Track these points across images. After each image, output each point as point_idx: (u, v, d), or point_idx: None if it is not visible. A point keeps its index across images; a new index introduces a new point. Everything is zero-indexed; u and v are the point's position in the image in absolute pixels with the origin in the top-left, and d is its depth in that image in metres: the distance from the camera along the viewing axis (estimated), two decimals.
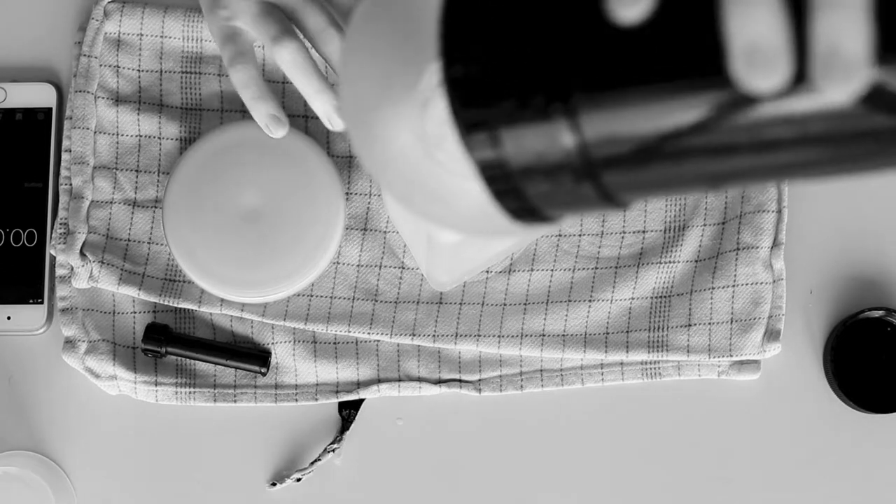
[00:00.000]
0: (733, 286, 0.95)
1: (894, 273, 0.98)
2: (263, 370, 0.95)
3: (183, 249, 0.93)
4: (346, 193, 0.97)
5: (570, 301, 0.96)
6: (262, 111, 0.83)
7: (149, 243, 0.96)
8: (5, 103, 0.99)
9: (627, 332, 0.96)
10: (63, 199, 0.96)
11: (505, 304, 0.96)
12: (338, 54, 0.81)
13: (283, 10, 0.82)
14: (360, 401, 0.97)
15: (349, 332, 0.95)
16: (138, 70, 0.98)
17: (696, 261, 0.97)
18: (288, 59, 0.81)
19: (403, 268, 0.97)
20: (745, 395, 0.96)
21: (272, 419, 0.97)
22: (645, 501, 0.96)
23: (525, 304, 0.96)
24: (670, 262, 0.97)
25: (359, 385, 0.96)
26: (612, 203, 0.45)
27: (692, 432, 0.96)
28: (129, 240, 0.96)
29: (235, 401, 0.96)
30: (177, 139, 0.97)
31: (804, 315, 0.97)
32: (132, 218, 0.97)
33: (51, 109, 0.99)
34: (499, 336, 0.96)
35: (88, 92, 0.97)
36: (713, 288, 0.96)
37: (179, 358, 0.96)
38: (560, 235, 0.97)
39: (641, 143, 0.42)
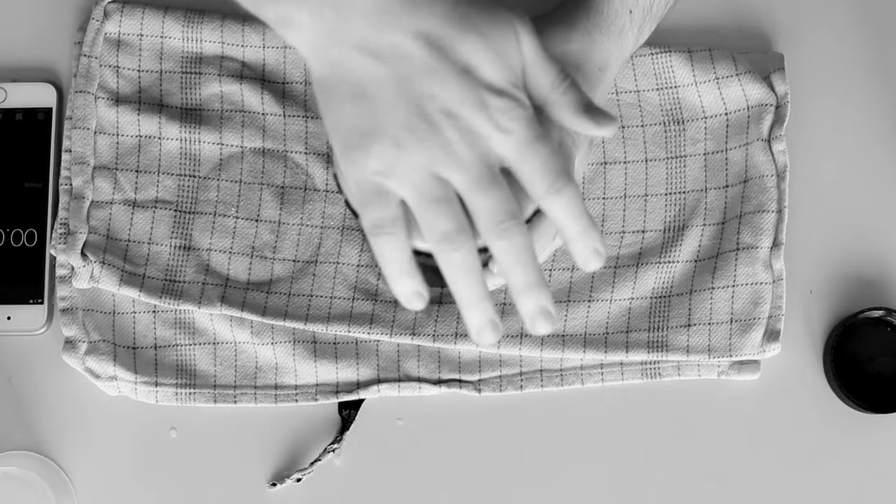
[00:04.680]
0: (733, 286, 0.95)
1: (894, 273, 0.98)
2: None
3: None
4: None
5: (569, 301, 0.96)
6: (407, 288, 0.72)
7: (149, 244, 0.96)
8: (5, 103, 0.99)
9: (627, 332, 0.96)
10: (63, 199, 0.96)
11: (504, 304, 0.96)
12: (512, 252, 0.70)
13: (457, 189, 0.70)
14: (360, 401, 0.97)
15: (349, 332, 0.95)
16: (138, 70, 0.98)
17: (696, 261, 0.97)
18: (457, 263, 0.70)
19: None
20: (745, 395, 0.96)
21: (272, 419, 0.97)
22: (645, 501, 0.96)
23: None
24: (670, 262, 0.97)
25: (359, 385, 0.96)
26: None
27: (692, 432, 0.96)
28: (128, 240, 0.96)
29: (235, 401, 0.96)
30: (177, 139, 0.97)
31: (804, 315, 0.97)
32: (132, 218, 0.97)
33: (51, 109, 0.99)
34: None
35: (88, 92, 0.97)
36: (713, 288, 0.96)
37: (180, 358, 0.96)
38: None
39: None
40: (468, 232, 0.70)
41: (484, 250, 0.74)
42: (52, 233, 0.97)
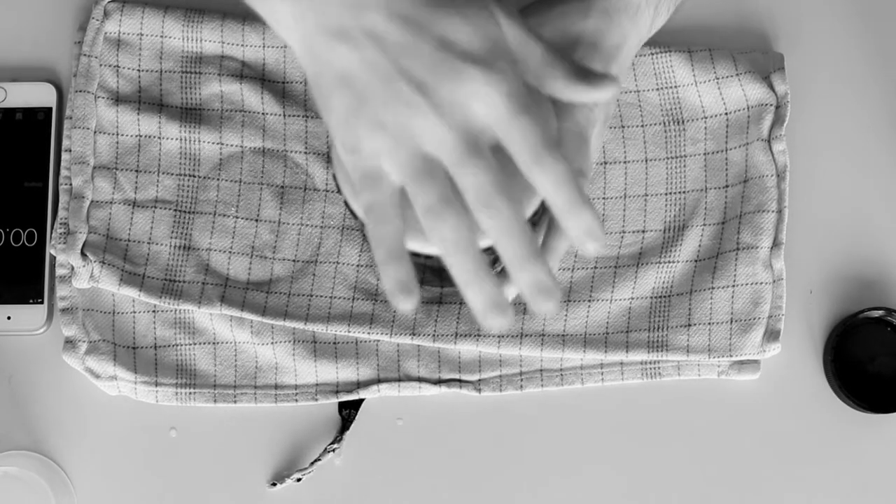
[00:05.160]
0: (733, 286, 0.95)
1: (894, 273, 0.98)
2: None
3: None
4: None
5: (569, 301, 0.96)
6: (392, 275, 0.67)
7: (148, 243, 0.96)
8: (5, 103, 0.99)
9: (627, 332, 0.96)
10: (63, 198, 0.96)
11: None
12: (498, 224, 0.66)
13: (445, 166, 0.68)
14: (360, 401, 0.97)
15: (349, 332, 0.95)
16: (138, 70, 0.98)
17: (696, 261, 0.97)
18: (446, 237, 0.66)
19: None
20: (745, 395, 0.96)
21: (272, 419, 0.97)
22: (645, 501, 0.96)
23: (524, 303, 0.96)
24: (670, 261, 0.97)
25: (359, 385, 0.96)
26: None
27: (692, 432, 0.96)
28: (128, 240, 0.96)
29: (235, 401, 0.96)
30: (177, 139, 0.97)
31: (804, 315, 0.97)
32: (132, 218, 0.97)
33: (51, 109, 0.99)
34: (498, 336, 0.96)
35: (88, 92, 0.97)
36: (713, 288, 0.96)
37: (180, 358, 0.96)
38: None
39: None
40: (455, 204, 0.67)
41: (490, 251, 0.74)
42: (52, 233, 0.97)
